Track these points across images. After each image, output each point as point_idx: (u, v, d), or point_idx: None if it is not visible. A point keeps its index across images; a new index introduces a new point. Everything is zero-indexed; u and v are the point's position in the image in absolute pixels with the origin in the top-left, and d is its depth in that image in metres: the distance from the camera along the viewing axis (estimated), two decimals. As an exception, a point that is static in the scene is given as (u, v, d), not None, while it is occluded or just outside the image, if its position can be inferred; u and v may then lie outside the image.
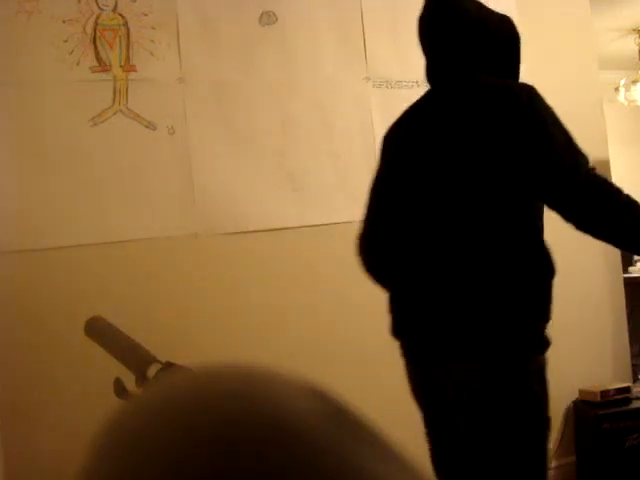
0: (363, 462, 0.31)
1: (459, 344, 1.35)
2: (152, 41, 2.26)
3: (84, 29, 2.18)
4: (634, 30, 4.70)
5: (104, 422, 0.34)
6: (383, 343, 2.55)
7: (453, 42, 1.45)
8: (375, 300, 2.53)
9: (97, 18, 2.20)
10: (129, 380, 1.13)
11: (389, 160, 1.56)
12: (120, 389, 1.12)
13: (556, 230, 1.42)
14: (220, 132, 2.33)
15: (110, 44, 2.21)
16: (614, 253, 2.97)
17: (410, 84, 2.60)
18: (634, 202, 1.29)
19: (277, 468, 0.29)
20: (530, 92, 1.34)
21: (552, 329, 1.40)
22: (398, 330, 1.52)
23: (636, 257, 4.13)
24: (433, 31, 1.49)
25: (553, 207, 1.32)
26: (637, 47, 4.88)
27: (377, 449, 0.33)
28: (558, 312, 1.42)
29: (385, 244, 1.53)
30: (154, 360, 1.14)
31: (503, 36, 1.47)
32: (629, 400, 2.71)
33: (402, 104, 1.57)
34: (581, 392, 2.78)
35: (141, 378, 1.12)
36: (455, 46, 1.44)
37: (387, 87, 2.58)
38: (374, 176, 1.59)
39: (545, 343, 1.37)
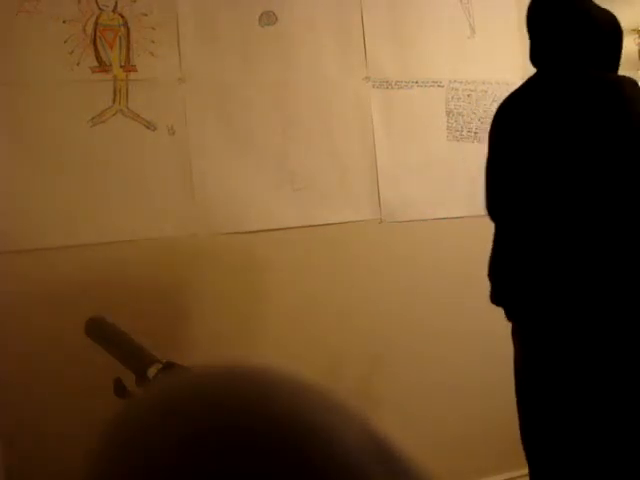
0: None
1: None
2: (152, 41, 2.26)
3: (84, 29, 2.18)
4: (634, 30, 4.69)
5: (105, 423, 0.34)
6: (384, 341, 2.56)
7: (560, 30, 1.57)
8: (375, 300, 2.54)
9: (97, 18, 2.20)
10: (129, 380, 1.13)
11: (508, 142, 1.63)
12: (120, 389, 1.12)
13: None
14: (220, 132, 2.33)
15: (110, 44, 2.21)
16: None
17: (410, 84, 2.60)
18: None
19: (277, 469, 0.29)
20: (633, 85, 1.48)
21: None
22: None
23: None
24: (541, 19, 1.62)
25: None
26: (637, 47, 4.88)
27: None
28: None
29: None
30: (154, 360, 1.14)
31: (607, 29, 1.60)
32: None
33: (402, 104, 1.57)
34: None
35: (141, 378, 1.12)
36: (562, 35, 1.57)
37: (387, 87, 2.58)
38: (492, 156, 1.66)
39: None
